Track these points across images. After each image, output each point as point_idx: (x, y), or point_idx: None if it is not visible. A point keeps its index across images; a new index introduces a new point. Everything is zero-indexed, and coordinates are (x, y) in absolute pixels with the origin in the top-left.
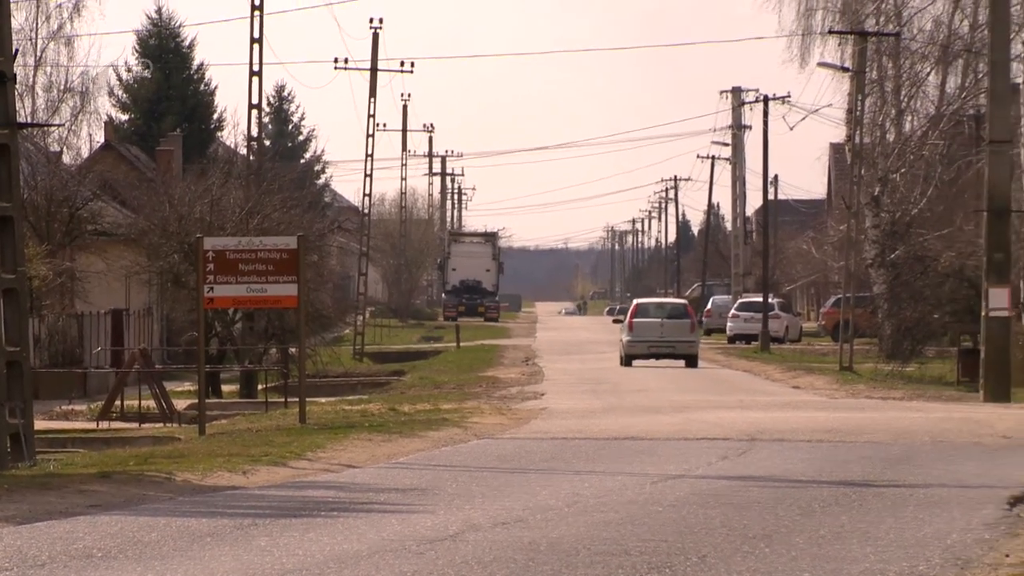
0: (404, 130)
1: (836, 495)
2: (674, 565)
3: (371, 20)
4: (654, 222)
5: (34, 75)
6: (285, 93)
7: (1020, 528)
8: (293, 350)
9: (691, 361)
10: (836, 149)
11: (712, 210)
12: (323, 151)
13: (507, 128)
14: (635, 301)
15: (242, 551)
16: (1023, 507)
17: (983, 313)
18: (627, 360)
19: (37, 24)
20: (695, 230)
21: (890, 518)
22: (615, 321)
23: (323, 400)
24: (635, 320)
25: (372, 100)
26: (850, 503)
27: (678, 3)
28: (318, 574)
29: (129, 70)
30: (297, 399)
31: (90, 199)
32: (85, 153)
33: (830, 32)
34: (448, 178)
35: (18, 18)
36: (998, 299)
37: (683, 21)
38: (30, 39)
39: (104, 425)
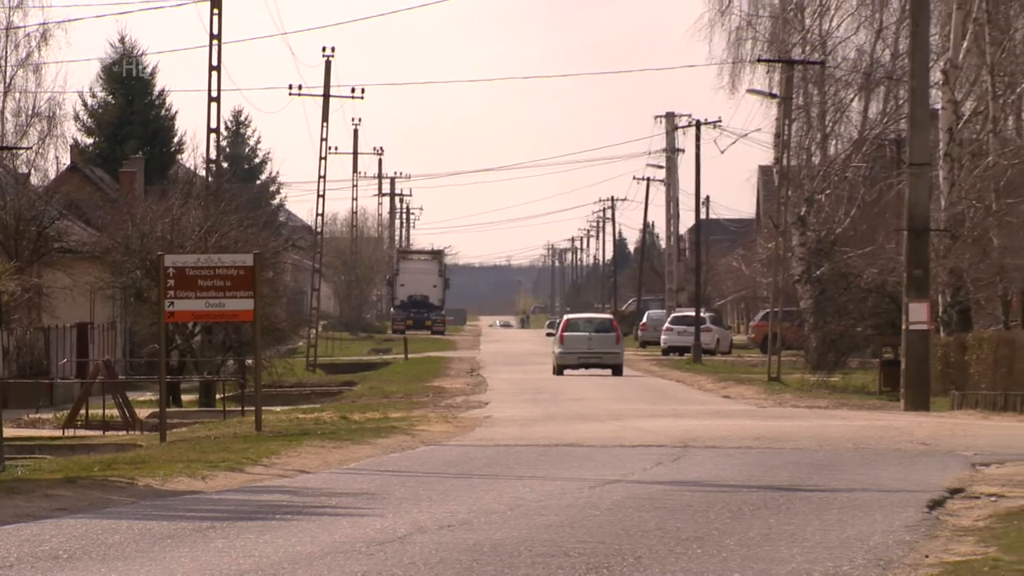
0: (355, 153)
1: (765, 499)
2: (611, 566)
3: (324, 48)
4: (592, 240)
5: (3, 101)
6: (242, 118)
7: (939, 530)
8: (249, 361)
9: (617, 370)
10: (764, 171)
11: (647, 229)
12: (278, 173)
13: (453, 150)
14: (565, 316)
15: (200, 552)
16: (942, 510)
17: (904, 326)
18: (559, 370)
19: (7, 52)
20: (631, 248)
21: (816, 520)
22: (548, 335)
23: (278, 409)
24: (566, 334)
25: (324, 124)
26: (778, 506)
27: (615, 33)
28: (273, 574)
29: (94, 96)
30: (253, 408)
31: (57, 218)
32: (52, 175)
33: (759, 60)
34: (397, 198)
35: None
36: (918, 313)
37: (620, 50)
38: (0, 67)
39: (70, 433)
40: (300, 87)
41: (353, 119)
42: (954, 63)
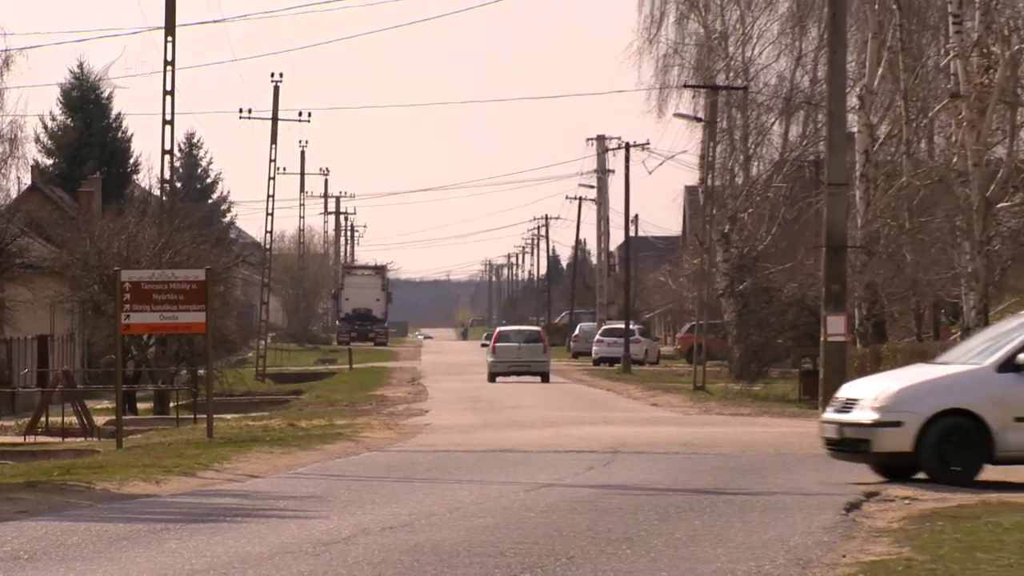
0: (302, 173)
1: (690, 502)
2: (545, 565)
3: (272, 74)
4: (527, 256)
5: None
6: (195, 140)
7: (855, 531)
8: (201, 371)
9: (544, 377)
10: (690, 191)
11: (579, 246)
12: (229, 192)
13: (397, 170)
14: (498, 328)
15: (155, 553)
16: (858, 512)
17: (822, 338)
18: (492, 377)
19: None
20: (564, 264)
21: (739, 522)
22: (483, 345)
23: (229, 416)
24: (498, 344)
25: (273, 146)
26: (703, 509)
27: (551, 59)
28: (224, 574)
29: (54, 119)
30: (205, 415)
31: (18, 236)
32: (14, 194)
33: (685, 86)
34: (342, 217)
35: None
36: (835, 326)
37: (555, 74)
38: None
39: (30, 439)
40: (250, 111)
41: (300, 141)
42: (870, 89)
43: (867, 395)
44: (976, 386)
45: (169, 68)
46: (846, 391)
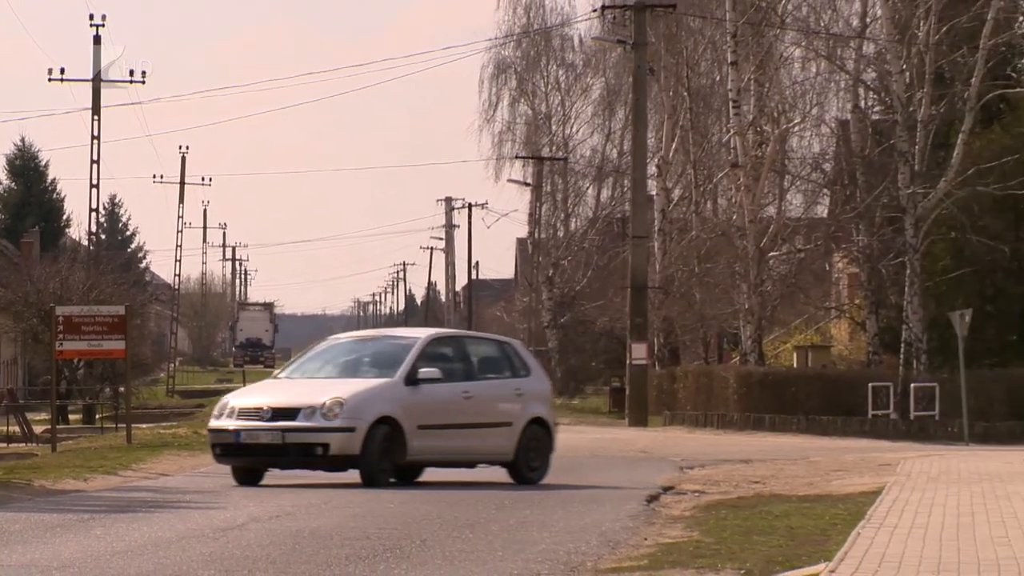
0: (204, 227)
1: (522, 495)
2: (403, 547)
3: (180, 147)
4: (389, 295)
5: None
6: (116, 200)
7: (655, 519)
8: (121, 389)
9: None
10: (521, 242)
11: (431, 287)
12: (144, 242)
13: (283, 224)
14: None
15: (83, 538)
16: (657, 503)
17: (628, 362)
18: None
19: None
20: (419, 301)
21: (561, 511)
22: None
23: (144, 426)
24: None
25: (181, 205)
26: (532, 501)
27: (410, 133)
28: (140, 554)
29: (0, 183)
30: (125, 425)
31: None
32: None
33: (516, 157)
34: (238, 262)
35: None
36: (639, 352)
37: (413, 145)
38: None
39: None
40: (162, 176)
41: (203, 201)
42: (665, 159)
43: (310, 403)
44: (395, 396)
45: (95, 141)
46: (240, 401)
